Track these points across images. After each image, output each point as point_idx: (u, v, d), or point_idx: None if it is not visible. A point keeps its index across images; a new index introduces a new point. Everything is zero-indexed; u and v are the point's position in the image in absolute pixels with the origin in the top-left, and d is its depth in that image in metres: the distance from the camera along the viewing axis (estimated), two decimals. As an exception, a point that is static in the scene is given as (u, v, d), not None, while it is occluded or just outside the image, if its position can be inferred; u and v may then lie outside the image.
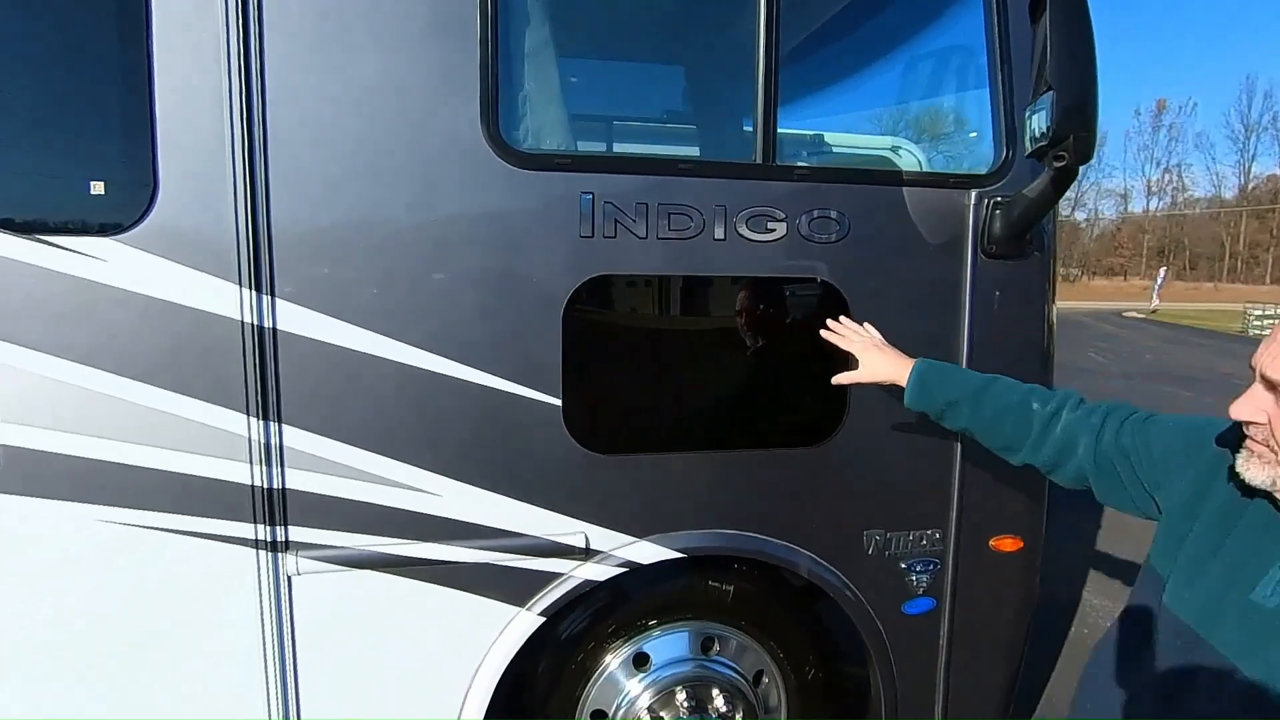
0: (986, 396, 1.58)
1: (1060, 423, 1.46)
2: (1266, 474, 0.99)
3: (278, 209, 1.62)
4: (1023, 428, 1.50)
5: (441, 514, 1.77)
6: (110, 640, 1.69)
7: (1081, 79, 1.58)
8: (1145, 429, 1.33)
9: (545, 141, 1.82)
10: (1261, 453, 0.99)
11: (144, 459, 1.62)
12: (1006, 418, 1.54)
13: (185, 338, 1.61)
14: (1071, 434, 1.43)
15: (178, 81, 1.56)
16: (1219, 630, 1.03)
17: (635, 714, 2.04)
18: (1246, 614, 1.00)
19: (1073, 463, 1.43)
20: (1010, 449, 1.55)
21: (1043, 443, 1.47)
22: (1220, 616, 1.03)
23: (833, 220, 1.87)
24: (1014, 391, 1.57)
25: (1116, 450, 1.34)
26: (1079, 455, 1.41)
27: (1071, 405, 1.49)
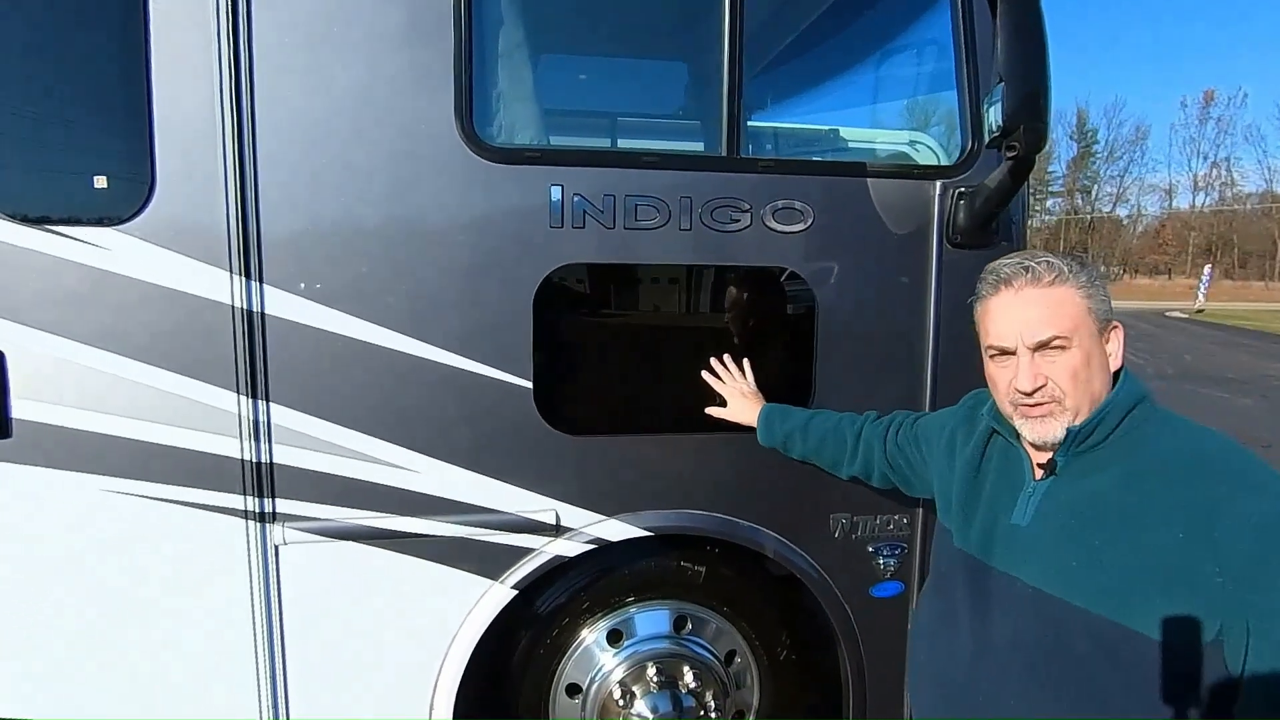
0: (811, 426, 1.88)
1: (862, 438, 1.79)
2: (1061, 424, 1.19)
3: (266, 201, 1.76)
4: (840, 447, 1.83)
5: (420, 489, 1.90)
6: (105, 603, 1.84)
7: (1031, 71, 1.64)
8: (914, 428, 1.69)
9: (517, 136, 1.93)
10: (1050, 411, 1.20)
11: (142, 433, 1.77)
12: (827, 441, 1.85)
13: (180, 321, 1.75)
14: (869, 444, 1.77)
15: (174, 83, 1.70)
16: (995, 554, 1.29)
17: (608, 687, 2.14)
18: (1009, 535, 1.27)
19: (876, 468, 1.76)
20: (836, 465, 1.86)
21: (855, 456, 1.80)
22: (993, 542, 1.30)
23: (797, 211, 1.95)
24: (830, 419, 1.89)
25: (896, 449, 1.71)
26: (876, 460, 1.75)
27: (870, 421, 1.82)
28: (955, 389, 2.00)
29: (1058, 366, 1.19)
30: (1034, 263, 1.21)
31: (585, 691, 2.16)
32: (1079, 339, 1.18)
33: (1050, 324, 1.18)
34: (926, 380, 2.04)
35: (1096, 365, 1.20)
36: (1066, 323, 1.18)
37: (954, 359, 2.03)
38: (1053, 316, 1.18)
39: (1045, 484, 1.25)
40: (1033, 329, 1.19)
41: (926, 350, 2.03)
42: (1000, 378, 1.26)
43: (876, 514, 2.11)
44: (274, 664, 1.90)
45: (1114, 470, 1.16)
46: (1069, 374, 1.18)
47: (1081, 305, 1.19)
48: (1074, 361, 1.18)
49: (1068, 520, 1.19)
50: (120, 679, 1.88)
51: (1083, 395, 1.18)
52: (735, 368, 2.00)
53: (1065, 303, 1.19)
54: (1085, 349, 1.18)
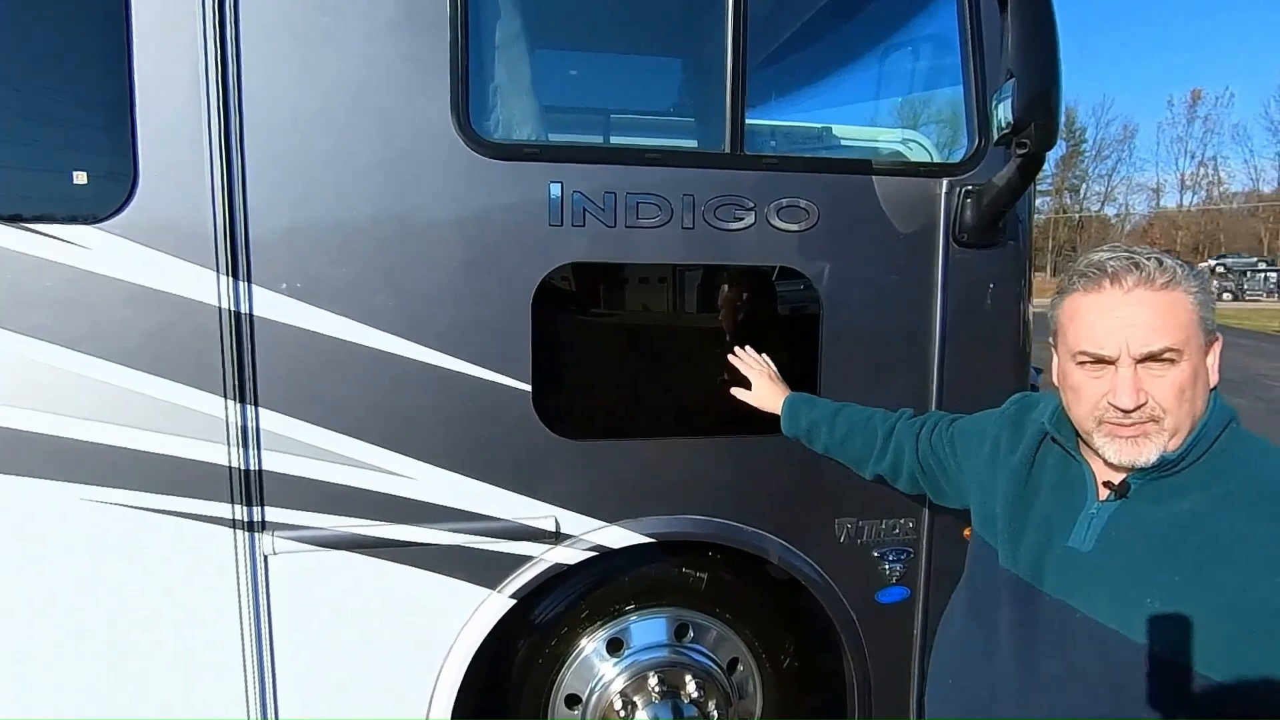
0: (840, 418, 1.81)
1: (894, 436, 1.70)
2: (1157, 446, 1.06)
3: (254, 198, 1.71)
4: (868, 443, 1.74)
5: (414, 496, 1.85)
6: (91, 615, 1.79)
7: (1043, 67, 1.63)
8: (950, 430, 1.58)
9: (515, 132, 1.90)
10: (1145, 430, 1.06)
11: (125, 440, 1.72)
12: (855, 434, 1.77)
13: (165, 323, 1.70)
14: (900, 444, 1.67)
15: (157, 75, 1.65)
16: (1047, 578, 1.17)
17: (608, 698, 2.11)
18: (1066, 559, 1.15)
19: (905, 469, 1.66)
20: (860, 462, 1.78)
21: (884, 455, 1.70)
22: (1046, 566, 1.18)
23: (802, 209, 1.92)
24: (861, 413, 1.81)
25: (930, 452, 1.60)
26: (907, 461, 1.65)
27: (903, 420, 1.73)
28: (962, 390, 2.00)
29: (1164, 382, 1.05)
30: (1145, 259, 1.06)
31: (585, 702, 2.13)
32: (1189, 352, 1.05)
33: (1164, 334, 1.04)
34: (933, 381, 2.02)
35: (1201, 383, 1.07)
36: (1180, 333, 1.04)
37: (960, 359, 2.01)
38: (1166, 325, 1.04)
39: (1112, 506, 1.12)
40: (1143, 337, 1.04)
41: (933, 351, 2.01)
42: (1089, 389, 1.10)
43: (882, 518, 2.09)
44: (264, 678, 1.85)
45: (1196, 497, 1.05)
46: (1175, 391, 1.05)
47: (1194, 314, 1.06)
48: (1182, 378, 1.04)
49: (1141, 550, 1.07)
50: (103, 694, 1.82)
51: (1184, 416, 1.06)
52: (764, 358, 1.95)
53: (1179, 310, 1.05)
54: (1194, 364, 1.05)
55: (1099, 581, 1.10)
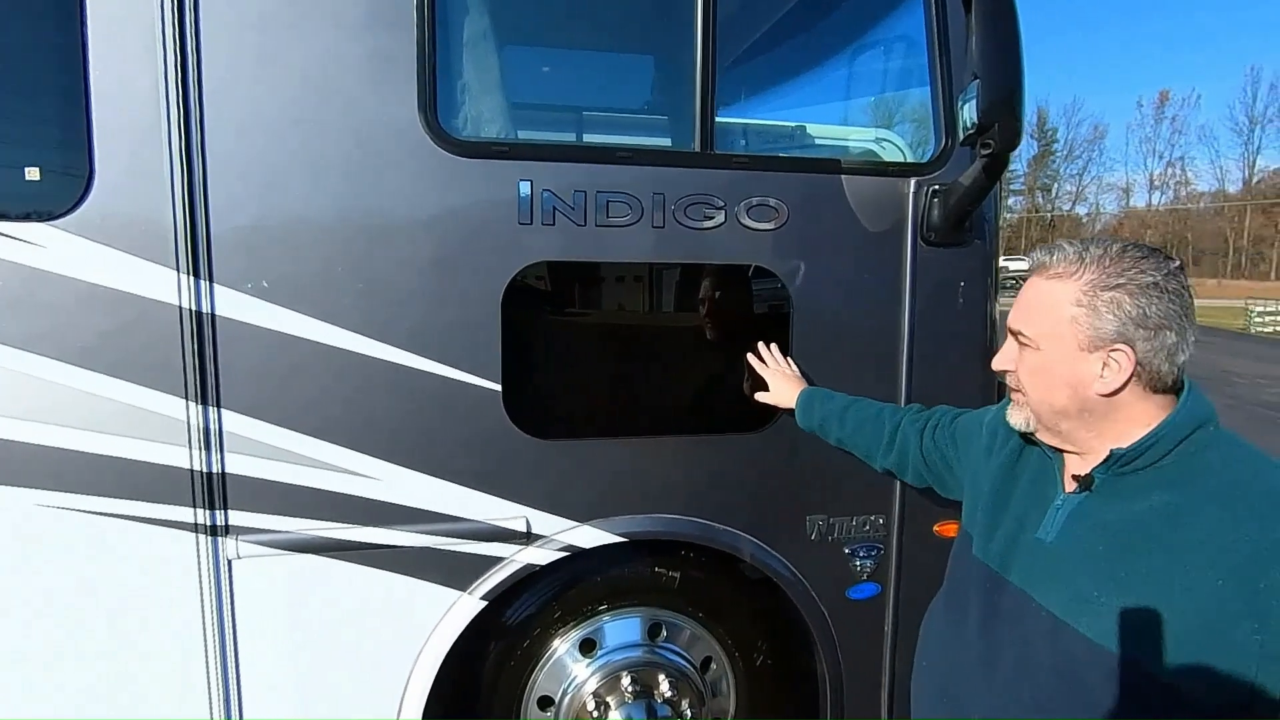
0: (850, 412, 1.85)
1: (900, 430, 1.73)
2: (1022, 416, 1.19)
3: (216, 196, 1.69)
4: (876, 437, 1.78)
5: (383, 498, 1.85)
6: (48, 625, 1.75)
7: (1007, 68, 1.66)
8: (953, 424, 1.61)
9: (483, 130, 1.90)
10: (1017, 398, 1.20)
11: (81, 443, 1.69)
12: (865, 428, 1.81)
13: (124, 322, 1.67)
14: (906, 438, 1.71)
15: (113, 68, 1.62)
16: (1014, 568, 1.21)
17: (581, 699, 2.12)
18: (1032, 550, 1.19)
19: (911, 464, 1.70)
20: (870, 455, 1.81)
21: (891, 448, 1.73)
22: (1015, 557, 1.22)
23: (772, 208, 1.95)
24: (871, 407, 1.84)
25: (934, 447, 1.63)
26: (912, 455, 1.68)
27: (911, 414, 1.75)
28: (931, 387, 2.04)
29: (1022, 360, 1.16)
30: (1068, 249, 1.11)
31: (558, 704, 2.13)
32: (1047, 345, 1.11)
33: (1024, 319, 1.14)
34: (902, 379, 2.05)
35: (1061, 379, 1.10)
36: (1039, 324, 1.12)
37: (929, 357, 2.05)
38: (1030, 312, 1.13)
39: (1076, 499, 1.14)
40: (1014, 316, 1.16)
41: (902, 348, 2.04)
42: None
43: (853, 515, 2.12)
44: (228, 685, 1.83)
45: (1158, 497, 1.05)
46: (1026, 372, 1.15)
47: (1065, 313, 1.08)
48: (1032, 363, 1.14)
49: (1096, 544, 1.08)
50: (64, 703, 1.79)
51: (1041, 400, 1.14)
52: (778, 353, 1.99)
53: (1050, 303, 1.10)
54: (1051, 358, 1.11)
55: (1056, 573, 1.12)
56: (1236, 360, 15.85)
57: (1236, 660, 0.93)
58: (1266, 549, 0.93)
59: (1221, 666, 0.93)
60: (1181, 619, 0.97)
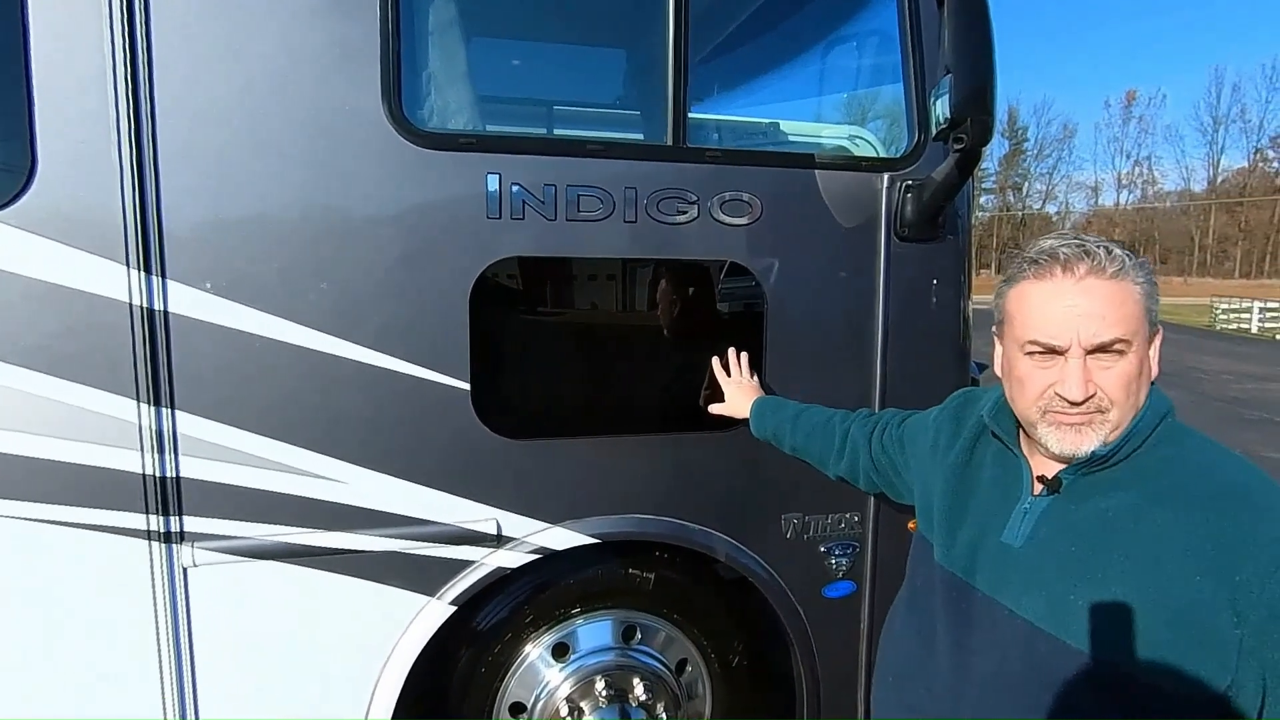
0: (801, 420, 1.84)
1: (850, 437, 1.72)
2: (1099, 437, 1.06)
3: (168, 188, 1.64)
4: (827, 445, 1.77)
5: (347, 502, 1.81)
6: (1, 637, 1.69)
7: (978, 64, 1.68)
8: (900, 428, 1.59)
9: (450, 121, 1.87)
10: (1090, 420, 1.06)
11: (27, 448, 1.63)
12: (815, 436, 1.81)
13: (69, 320, 1.62)
14: (855, 445, 1.70)
15: (56, 52, 1.57)
16: (979, 575, 1.18)
17: (554, 705, 2.10)
18: (999, 555, 1.15)
19: (862, 471, 1.68)
20: (823, 463, 1.81)
21: (842, 455, 1.73)
22: (978, 562, 1.19)
23: (745, 203, 1.95)
24: (821, 414, 1.84)
25: (882, 451, 1.62)
26: (862, 463, 1.67)
27: (859, 420, 1.75)
28: (905, 382, 2.05)
29: (1112, 374, 1.04)
30: (1095, 247, 1.04)
31: (530, 710, 2.11)
32: (1137, 344, 1.04)
33: (1115, 324, 1.02)
34: (876, 373, 2.07)
35: (1145, 375, 1.06)
36: (1130, 324, 1.03)
37: (902, 352, 2.07)
38: (1117, 315, 1.02)
39: (1044, 501, 1.12)
40: (1094, 328, 1.02)
41: (876, 343, 2.06)
42: (1036, 379, 1.08)
43: (828, 513, 2.13)
44: (184, 699, 1.78)
45: (1128, 494, 1.04)
46: (1123, 383, 1.04)
47: (1141, 305, 1.04)
48: (1130, 369, 1.04)
49: (1070, 547, 1.06)
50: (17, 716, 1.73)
51: (1129, 408, 1.06)
52: (738, 362, 1.98)
53: (1128, 300, 1.03)
54: (1140, 356, 1.05)
55: (1029, 578, 1.10)
56: (1202, 357, 16.31)
57: (1217, 654, 0.93)
58: (1236, 543, 0.94)
59: (1202, 661, 0.93)
60: (1159, 616, 0.96)
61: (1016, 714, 1.08)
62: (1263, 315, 24.51)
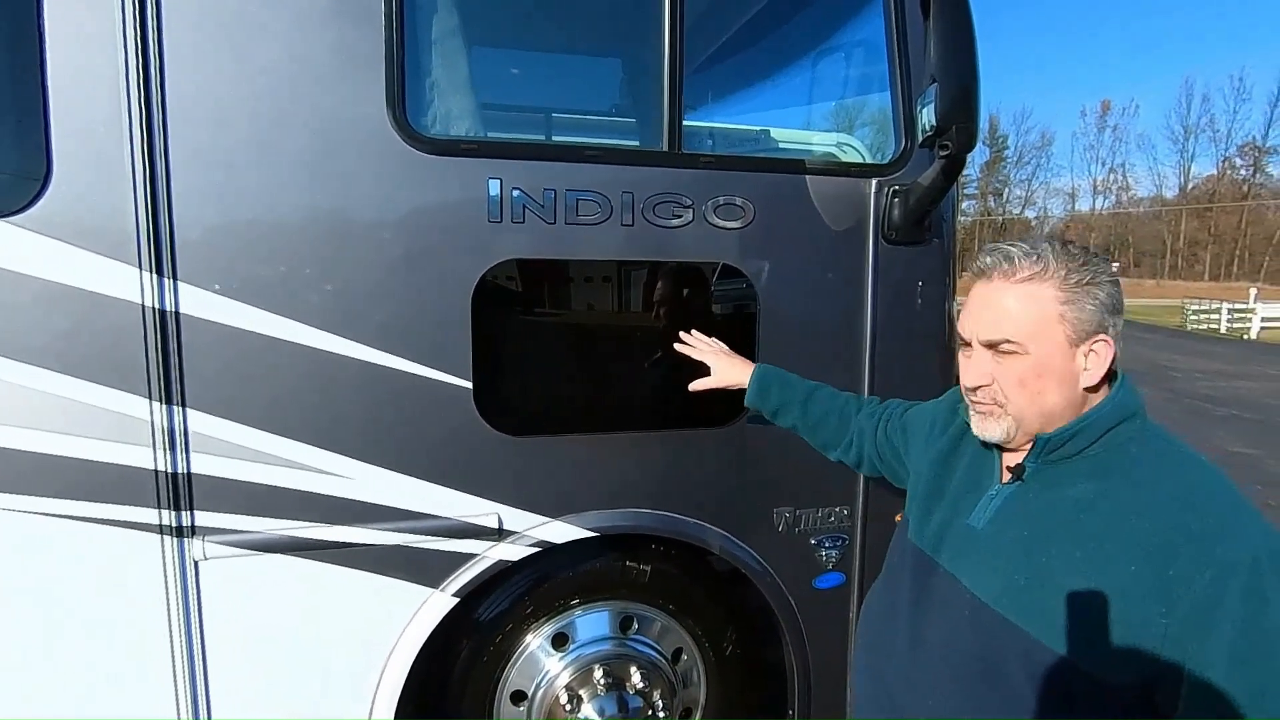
0: (814, 400, 1.79)
1: (856, 425, 1.72)
2: (1000, 428, 1.14)
3: (179, 192, 1.63)
4: (840, 429, 1.75)
5: (354, 496, 1.80)
6: (11, 631, 1.68)
7: (963, 72, 1.69)
8: (903, 418, 1.60)
9: (452, 128, 1.86)
10: (992, 411, 1.14)
11: (43, 445, 1.62)
12: (829, 419, 1.77)
13: (84, 321, 1.61)
14: (861, 433, 1.70)
15: (71, 61, 1.56)
16: (944, 552, 1.23)
17: (554, 693, 2.10)
18: (962, 535, 1.21)
19: (866, 458, 1.69)
20: (828, 447, 1.79)
21: (850, 446, 1.72)
22: (944, 540, 1.24)
23: (739, 207, 1.95)
24: (835, 400, 1.80)
25: (886, 440, 1.62)
26: (867, 450, 1.67)
27: (867, 410, 1.73)
28: (893, 380, 2.06)
29: (1004, 369, 1.10)
30: (1017, 251, 1.08)
31: (531, 698, 2.11)
32: (1036, 346, 1.07)
33: (1004, 327, 1.08)
34: (864, 373, 2.07)
35: (1054, 377, 1.08)
36: (1025, 327, 1.07)
37: (891, 352, 2.08)
38: (1009, 318, 1.07)
39: (1010, 489, 1.16)
40: (985, 327, 1.10)
41: (864, 343, 2.06)
42: (962, 368, 1.17)
43: (819, 506, 2.13)
44: (195, 689, 1.77)
45: (1082, 488, 1.07)
46: (1013, 380, 1.09)
47: (1052, 310, 1.06)
48: (1021, 369, 1.08)
49: (1022, 532, 1.10)
50: (29, 708, 1.71)
51: (1029, 405, 1.10)
52: (699, 334, 1.93)
53: (1032, 305, 1.07)
54: (1040, 358, 1.07)
55: (983, 558, 1.14)
56: (1174, 356, 16.42)
57: (1143, 642, 0.95)
58: (1176, 539, 0.95)
59: (1130, 648, 0.95)
60: (1096, 604, 0.99)
61: (957, 683, 1.14)
62: (1231, 316, 24.69)
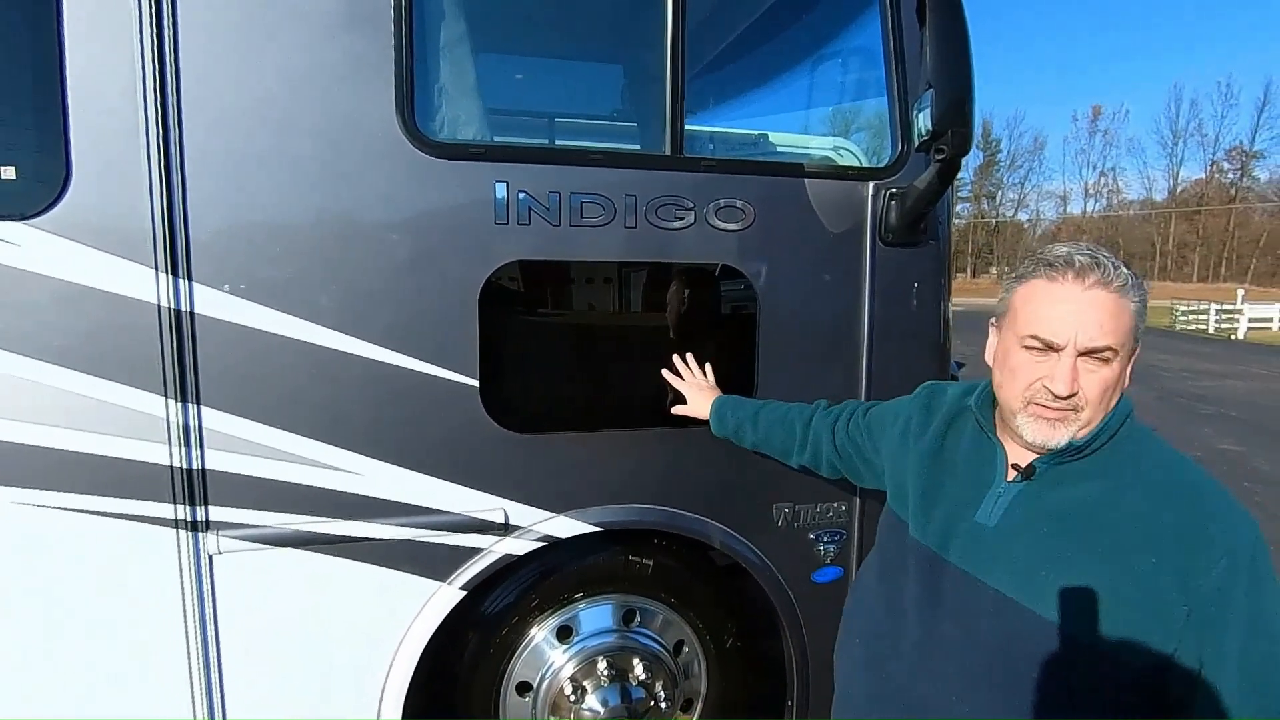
0: (761, 416, 1.85)
1: (812, 428, 1.75)
2: (1068, 432, 1.12)
3: (194, 195, 1.64)
4: (789, 436, 1.79)
5: (362, 492, 1.81)
6: (31, 620, 1.69)
7: (958, 78, 1.70)
8: (866, 418, 1.63)
9: (460, 133, 1.87)
10: (1065, 417, 1.11)
11: (61, 441, 1.63)
12: (776, 430, 1.82)
13: (102, 321, 1.62)
14: (818, 435, 1.72)
15: (90, 67, 1.57)
16: (953, 550, 1.22)
17: (559, 684, 2.11)
18: (972, 533, 1.20)
19: (825, 457, 1.72)
20: (786, 454, 1.82)
21: (805, 446, 1.75)
22: (953, 539, 1.23)
23: (739, 209, 1.96)
24: (780, 409, 1.85)
25: (846, 438, 1.65)
26: (825, 450, 1.71)
27: (820, 412, 1.77)
28: (890, 378, 2.07)
29: (1095, 378, 1.09)
30: (1107, 260, 1.09)
31: (536, 689, 2.12)
32: (1122, 355, 1.09)
33: (1110, 333, 1.07)
34: (862, 370, 2.08)
35: (1121, 383, 1.12)
36: (1121, 336, 1.08)
37: (888, 351, 2.09)
38: (1114, 325, 1.07)
39: (1018, 486, 1.17)
40: (1091, 333, 1.07)
41: (862, 342, 2.07)
42: (1027, 370, 1.12)
43: (817, 502, 2.14)
44: (210, 678, 1.78)
45: (1096, 484, 1.11)
46: (1101, 388, 1.09)
47: (1133, 321, 1.10)
48: (1111, 376, 1.09)
49: (1043, 528, 1.12)
50: (45, 700, 1.73)
51: (1100, 410, 1.11)
52: (694, 364, 1.99)
53: (1124, 314, 1.08)
54: (1122, 366, 1.10)
55: (1001, 554, 1.15)
56: (1163, 355, 16.43)
57: (1164, 627, 1.01)
58: (1189, 530, 1.02)
59: (1151, 632, 1.01)
60: (1121, 593, 1.03)
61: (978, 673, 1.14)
62: (1219, 316, 24.72)
